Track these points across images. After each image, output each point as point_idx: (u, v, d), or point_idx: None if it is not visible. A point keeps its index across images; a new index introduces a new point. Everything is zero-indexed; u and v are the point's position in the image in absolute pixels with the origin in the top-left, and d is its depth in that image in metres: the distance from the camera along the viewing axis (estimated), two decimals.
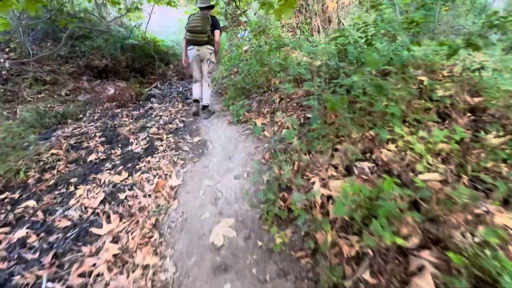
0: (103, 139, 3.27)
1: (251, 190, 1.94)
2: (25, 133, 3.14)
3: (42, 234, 1.78)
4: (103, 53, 6.46)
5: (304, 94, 2.73)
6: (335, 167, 1.72)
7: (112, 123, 3.78)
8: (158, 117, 3.97)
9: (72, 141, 3.23)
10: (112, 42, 6.49)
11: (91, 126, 3.84)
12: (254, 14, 6.43)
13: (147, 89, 5.62)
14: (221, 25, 7.08)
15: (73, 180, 2.39)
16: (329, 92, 2.18)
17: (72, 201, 2.08)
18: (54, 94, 5.19)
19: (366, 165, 1.55)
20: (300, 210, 1.46)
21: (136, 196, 2.02)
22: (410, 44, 2.22)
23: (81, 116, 4.72)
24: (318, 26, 5.54)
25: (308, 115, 2.38)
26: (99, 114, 4.67)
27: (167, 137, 3.09)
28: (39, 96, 4.92)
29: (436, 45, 2.42)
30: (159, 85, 6.12)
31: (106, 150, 2.98)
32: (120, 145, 3.08)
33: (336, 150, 1.81)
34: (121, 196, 2.04)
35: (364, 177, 1.48)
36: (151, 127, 3.52)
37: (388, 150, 1.62)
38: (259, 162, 2.20)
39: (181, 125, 3.58)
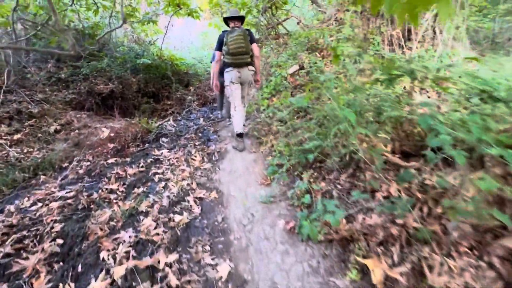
0: (59, 243, 1.82)
1: None
2: None
3: None
4: (110, 75, 5.28)
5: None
6: None
7: (88, 198, 2.34)
8: (163, 185, 2.49)
9: (5, 249, 1.80)
10: (120, 62, 5.28)
11: (59, 196, 2.45)
12: (298, 23, 4.94)
13: (157, 124, 4.25)
14: (256, 37, 5.72)
15: None
16: None
17: None
18: (39, 132, 3.97)
19: None
20: None
21: None
22: None
23: (66, 164, 3.44)
24: (392, 37, 3.89)
25: None
26: (88, 164, 3.34)
27: (167, 260, 1.55)
28: (16, 136, 3.71)
29: None
30: (172, 120, 4.72)
31: (49, 284, 1.50)
32: (79, 269, 1.60)
33: None
34: None
35: None
36: (146, 214, 2.04)
37: None
38: None
39: (196, 210, 2.05)
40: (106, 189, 2.52)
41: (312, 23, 4.38)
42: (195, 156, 3.05)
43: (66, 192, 2.55)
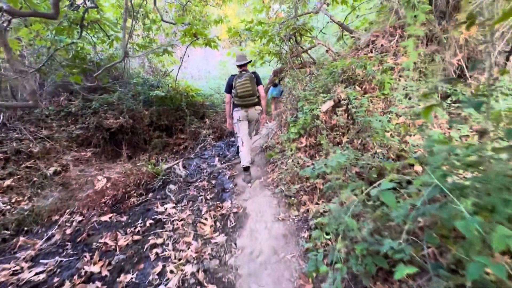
0: None
1: None
2: None
3: None
4: (122, 108, 4.91)
5: None
6: None
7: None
8: (159, 269, 1.82)
9: None
10: (133, 94, 4.93)
11: (24, 280, 1.84)
12: (327, 51, 4.39)
13: (166, 166, 3.68)
14: (278, 66, 5.26)
15: None
16: None
17: None
18: (35, 175, 3.52)
19: None
20: None
21: None
22: None
23: (56, 217, 2.91)
24: (451, 65, 3.18)
25: None
26: (79, 220, 2.79)
27: None
28: (7, 182, 3.25)
29: None
30: (183, 160, 4.15)
31: None
32: None
33: None
34: None
35: None
36: None
37: None
38: None
39: None
40: (86, 272, 1.87)
41: (344, 50, 3.81)
42: (206, 219, 2.37)
43: (35, 274, 1.94)
